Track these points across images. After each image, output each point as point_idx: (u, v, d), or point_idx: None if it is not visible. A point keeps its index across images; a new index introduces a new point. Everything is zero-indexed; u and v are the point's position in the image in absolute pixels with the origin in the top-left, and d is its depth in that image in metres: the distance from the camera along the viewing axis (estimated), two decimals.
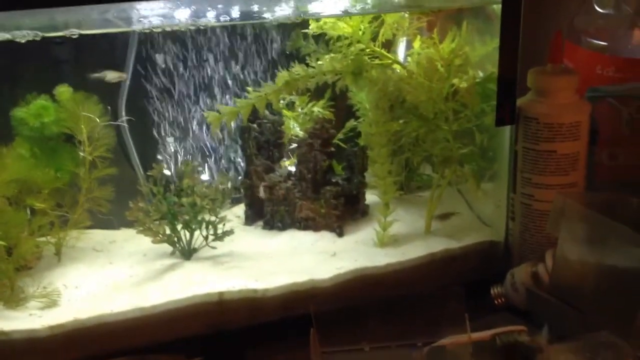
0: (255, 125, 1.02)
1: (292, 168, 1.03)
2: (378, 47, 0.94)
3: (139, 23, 0.84)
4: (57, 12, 0.78)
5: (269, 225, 1.01)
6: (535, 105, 0.89)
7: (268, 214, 1.01)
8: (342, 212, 0.98)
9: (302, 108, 1.02)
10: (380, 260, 0.91)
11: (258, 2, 0.86)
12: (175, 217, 0.92)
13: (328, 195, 0.98)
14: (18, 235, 0.86)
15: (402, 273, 0.91)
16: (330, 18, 0.91)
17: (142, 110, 1.01)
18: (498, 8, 0.84)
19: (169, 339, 0.83)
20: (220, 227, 0.93)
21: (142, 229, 0.92)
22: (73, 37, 0.79)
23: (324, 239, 0.98)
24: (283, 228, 1.00)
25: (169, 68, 1.00)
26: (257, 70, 1.05)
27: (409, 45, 0.99)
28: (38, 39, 0.77)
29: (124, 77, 0.96)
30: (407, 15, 0.95)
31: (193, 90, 1.03)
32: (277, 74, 0.93)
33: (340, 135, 1.03)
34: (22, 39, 0.77)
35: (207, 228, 0.93)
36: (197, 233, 0.93)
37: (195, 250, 0.94)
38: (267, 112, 1.01)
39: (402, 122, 0.94)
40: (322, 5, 0.91)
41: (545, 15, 1.05)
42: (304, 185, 0.99)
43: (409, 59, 0.96)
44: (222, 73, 1.03)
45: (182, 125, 1.03)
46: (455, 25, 0.93)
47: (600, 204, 0.81)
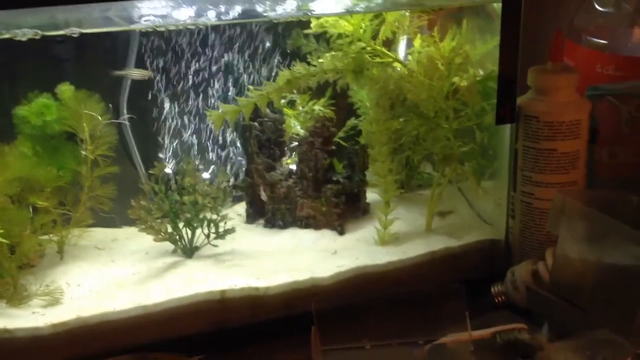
0: (257, 124, 1.02)
1: (293, 166, 1.03)
2: (379, 45, 0.94)
3: (140, 22, 0.84)
4: (58, 10, 0.78)
5: (270, 224, 1.01)
6: (536, 104, 0.89)
7: (269, 212, 1.01)
8: (343, 210, 0.99)
9: (303, 106, 1.03)
10: (381, 259, 0.91)
11: (260, 1, 0.86)
12: (177, 215, 0.92)
13: (329, 194, 0.98)
14: (21, 234, 0.86)
15: (402, 271, 0.91)
16: (332, 17, 0.91)
17: (143, 108, 1.01)
18: (498, 6, 0.84)
19: (171, 337, 0.83)
20: (222, 225, 0.94)
21: (144, 227, 0.92)
22: (74, 35, 0.80)
23: (325, 237, 0.98)
24: (284, 226, 1.00)
25: (171, 66, 1.01)
26: (259, 69, 1.05)
27: (410, 44, 0.99)
28: (38, 37, 0.77)
29: (149, 75, 0.96)
30: (407, 14, 0.96)
31: (195, 88, 1.03)
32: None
33: (341, 134, 1.03)
34: (22, 37, 0.77)
35: (208, 226, 0.93)
36: (198, 231, 0.93)
37: (197, 249, 0.94)
38: (268, 110, 1.01)
39: (402, 120, 0.95)
40: (323, 4, 0.91)
41: (546, 14, 1.05)
42: (305, 184, 1.00)
43: (410, 58, 0.96)
44: (225, 71, 1.04)
45: (184, 123, 1.04)
46: (456, 24, 0.93)
47: (600, 202, 0.81)
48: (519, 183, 0.91)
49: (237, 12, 0.87)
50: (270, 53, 1.04)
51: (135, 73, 0.96)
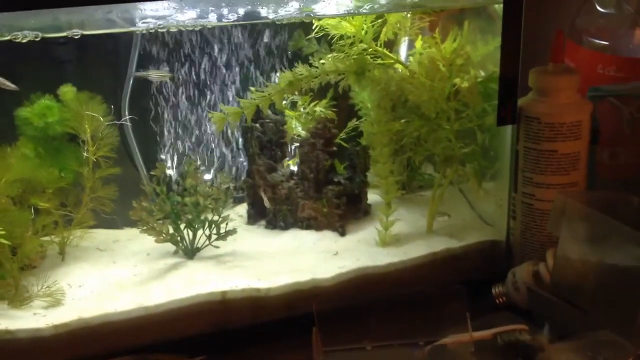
0: (258, 125, 1.02)
1: (294, 167, 1.03)
2: (380, 46, 0.94)
3: (142, 24, 0.84)
4: (60, 12, 0.78)
5: (272, 225, 1.01)
6: (537, 105, 0.89)
7: (270, 214, 1.01)
8: (344, 211, 0.99)
9: (304, 108, 1.03)
10: (382, 260, 0.91)
11: (263, 2, 0.86)
12: (179, 216, 0.92)
13: (330, 195, 0.98)
14: (22, 235, 0.86)
15: (403, 272, 0.91)
16: (333, 18, 0.92)
17: (145, 110, 1.01)
18: (500, 8, 0.84)
19: (173, 338, 0.84)
20: (223, 226, 0.94)
21: (145, 229, 0.92)
22: (75, 37, 0.80)
23: (326, 239, 0.98)
24: (285, 227, 1.00)
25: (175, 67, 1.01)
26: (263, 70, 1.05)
27: (411, 45, 0.99)
28: (38, 40, 0.77)
29: (170, 76, 0.96)
30: (409, 15, 0.96)
31: (199, 90, 1.03)
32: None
33: (343, 135, 1.03)
34: (22, 40, 0.77)
35: (210, 227, 0.93)
36: (200, 232, 0.93)
37: (198, 250, 0.94)
38: (269, 111, 1.01)
39: (404, 121, 0.95)
40: (325, 6, 0.91)
41: (547, 15, 1.05)
42: (306, 185, 1.00)
43: (411, 59, 0.97)
44: (227, 72, 1.04)
45: (186, 125, 1.04)
46: (457, 25, 0.93)
47: (601, 203, 0.81)
48: (520, 184, 0.91)
49: (239, 13, 0.87)
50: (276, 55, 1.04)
51: (156, 75, 0.96)
